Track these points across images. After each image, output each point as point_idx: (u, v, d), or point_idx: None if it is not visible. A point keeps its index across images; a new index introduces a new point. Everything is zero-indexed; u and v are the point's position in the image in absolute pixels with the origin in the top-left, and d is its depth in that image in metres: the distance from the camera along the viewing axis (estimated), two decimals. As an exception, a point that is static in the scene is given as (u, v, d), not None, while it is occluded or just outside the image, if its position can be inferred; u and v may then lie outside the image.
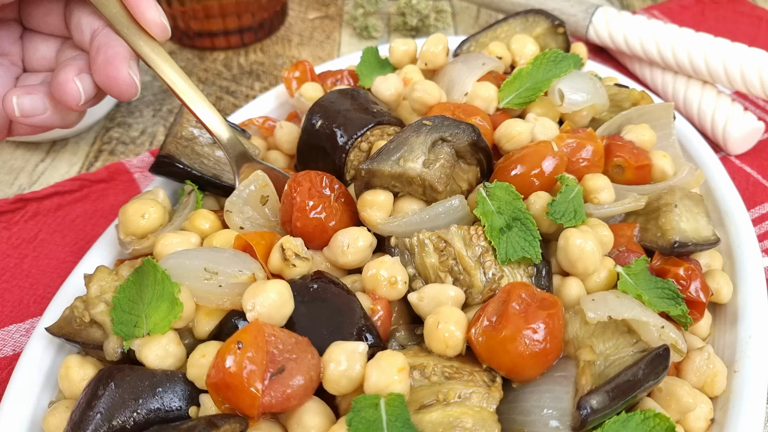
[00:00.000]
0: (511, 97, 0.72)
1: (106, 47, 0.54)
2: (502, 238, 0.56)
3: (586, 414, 0.45)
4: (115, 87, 0.54)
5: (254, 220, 0.61)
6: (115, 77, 0.53)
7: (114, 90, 0.54)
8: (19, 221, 0.79)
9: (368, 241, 0.57)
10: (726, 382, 0.55)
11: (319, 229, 0.57)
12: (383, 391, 0.45)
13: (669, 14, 1.16)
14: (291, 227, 0.58)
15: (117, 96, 0.55)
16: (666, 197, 0.63)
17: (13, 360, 0.65)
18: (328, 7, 1.27)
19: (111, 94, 0.55)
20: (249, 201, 0.61)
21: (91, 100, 0.57)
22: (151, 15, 0.55)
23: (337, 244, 0.56)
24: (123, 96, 0.55)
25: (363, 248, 0.56)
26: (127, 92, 0.54)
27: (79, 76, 0.54)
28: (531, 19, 0.85)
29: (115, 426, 0.46)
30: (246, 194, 0.61)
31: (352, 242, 0.56)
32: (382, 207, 0.58)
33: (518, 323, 0.48)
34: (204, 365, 0.49)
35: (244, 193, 0.61)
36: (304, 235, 0.57)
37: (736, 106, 0.86)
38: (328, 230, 0.58)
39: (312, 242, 0.58)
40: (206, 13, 1.07)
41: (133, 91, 0.55)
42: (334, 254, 0.57)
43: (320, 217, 0.57)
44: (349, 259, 0.56)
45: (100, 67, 0.53)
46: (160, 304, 0.52)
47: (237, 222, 0.60)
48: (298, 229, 0.57)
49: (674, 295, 0.54)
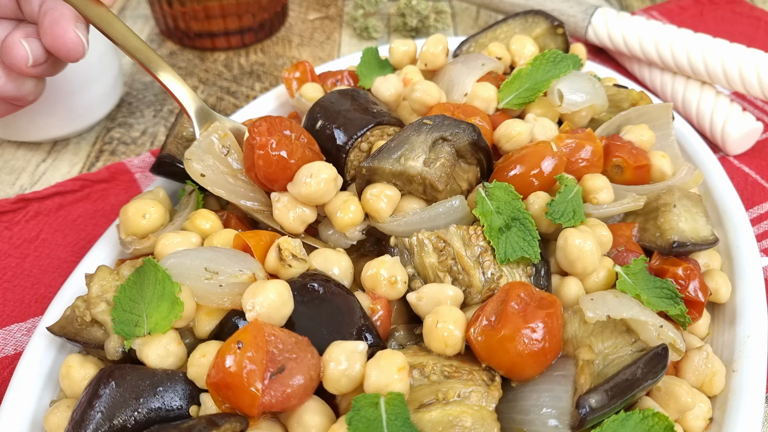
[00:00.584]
0: (511, 98, 0.73)
1: (52, 11, 0.56)
2: (501, 238, 0.56)
3: (585, 413, 0.45)
4: (62, 47, 0.56)
5: (216, 169, 0.61)
6: (62, 36, 0.56)
7: (61, 50, 0.56)
8: (21, 221, 0.79)
9: (332, 174, 0.57)
10: (724, 381, 0.55)
11: (281, 166, 0.57)
12: (383, 390, 0.46)
13: (668, 15, 1.16)
14: (254, 171, 0.58)
15: (65, 57, 0.57)
16: (665, 197, 0.63)
17: (14, 359, 0.65)
18: (329, 7, 1.27)
19: (59, 55, 0.56)
20: (209, 150, 0.61)
21: (43, 66, 0.58)
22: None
23: (299, 177, 0.56)
24: (71, 56, 0.57)
25: (326, 179, 0.56)
26: (74, 51, 0.57)
27: (26, 39, 0.56)
28: (530, 20, 0.85)
29: (116, 425, 0.47)
30: (206, 144, 0.61)
31: (315, 173, 0.56)
32: (390, 201, 0.59)
33: (517, 323, 0.48)
34: (204, 365, 0.49)
35: (204, 142, 0.61)
36: (267, 175, 0.57)
37: (734, 106, 0.87)
38: (291, 167, 0.57)
39: (276, 182, 0.58)
40: (207, 13, 1.07)
41: (80, 49, 0.57)
42: (297, 188, 0.57)
43: (281, 154, 0.56)
44: (312, 190, 0.56)
45: (47, 29, 0.56)
46: (160, 303, 0.52)
47: (197, 169, 0.60)
48: (261, 169, 0.57)
49: (673, 295, 0.55)
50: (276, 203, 0.59)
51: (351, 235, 0.59)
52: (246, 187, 0.62)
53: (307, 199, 0.57)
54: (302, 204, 0.59)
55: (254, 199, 0.62)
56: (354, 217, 0.58)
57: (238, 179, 0.62)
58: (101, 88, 0.91)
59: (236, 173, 0.62)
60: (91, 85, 0.89)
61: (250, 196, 0.62)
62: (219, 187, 0.60)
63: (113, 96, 0.95)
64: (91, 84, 0.89)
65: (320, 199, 0.57)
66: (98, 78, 0.90)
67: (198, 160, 0.60)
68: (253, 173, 0.59)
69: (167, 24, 1.12)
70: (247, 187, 0.62)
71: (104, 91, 0.92)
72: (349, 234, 0.59)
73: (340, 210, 0.58)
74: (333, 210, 0.59)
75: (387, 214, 0.59)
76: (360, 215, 0.58)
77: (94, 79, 0.89)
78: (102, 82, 0.91)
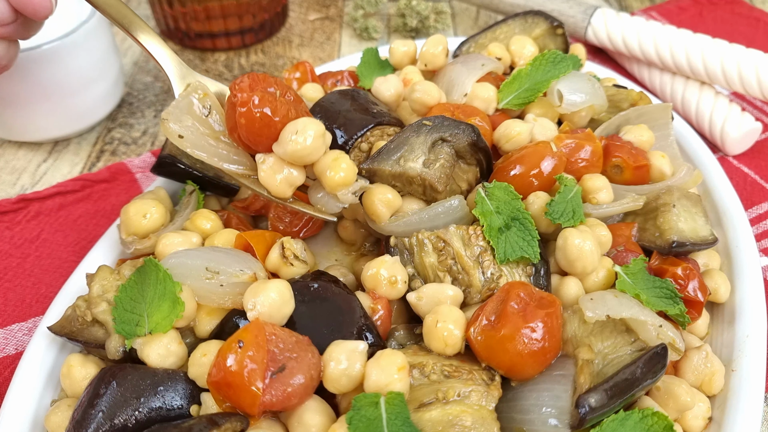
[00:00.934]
0: (511, 98, 0.73)
1: None
2: (501, 237, 0.56)
3: (584, 412, 0.45)
4: (28, 3, 0.53)
5: (195, 130, 0.57)
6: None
7: (28, 7, 0.53)
8: (22, 221, 0.79)
9: (319, 129, 0.52)
10: (724, 380, 0.55)
11: (265, 124, 0.52)
12: (383, 389, 0.46)
13: (667, 15, 1.16)
14: (237, 131, 0.54)
15: (32, 14, 0.54)
16: (664, 197, 0.63)
17: (15, 359, 0.65)
18: (329, 8, 1.27)
19: (26, 11, 0.53)
20: (189, 111, 0.57)
21: (11, 26, 0.55)
22: None
23: (285, 135, 0.52)
24: (38, 12, 0.54)
25: (313, 136, 0.52)
26: (41, 7, 0.54)
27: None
28: (530, 21, 0.85)
29: (117, 424, 0.47)
30: (184, 104, 0.57)
31: (300, 130, 0.52)
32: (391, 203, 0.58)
33: (517, 322, 0.48)
34: (205, 364, 0.49)
35: (183, 102, 0.57)
36: (251, 134, 0.52)
37: (733, 106, 0.87)
38: (275, 125, 0.52)
39: (260, 141, 0.53)
40: (207, 14, 1.07)
41: (48, 5, 0.54)
42: (283, 147, 0.52)
43: (265, 111, 0.51)
44: (299, 148, 0.51)
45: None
46: (161, 303, 0.52)
47: (174, 129, 0.55)
48: (243, 128, 0.52)
49: (672, 295, 0.55)
50: (261, 165, 0.55)
51: (343, 197, 0.55)
52: (229, 150, 0.57)
53: (294, 159, 0.53)
54: (289, 165, 0.54)
55: (238, 162, 0.58)
56: (345, 176, 0.54)
57: (221, 141, 0.57)
58: (102, 88, 0.91)
59: (218, 135, 0.57)
60: (91, 86, 0.89)
61: (234, 159, 0.57)
62: (199, 150, 0.56)
63: (114, 96, 0.96)
64: (91, 84, 0.89)
65: (308, 158, 0.53)
66: (99, 78, 0.90)
67: (176, 121, 0.56)
68: (235, 134, 0.54)
69: (168, 24, 1.12)
70: (230, 150, 0.57)
71: (105, 92, 0.92)
72: (341, 196, 0.55)
73: (330, 168, 0.54)
74: (322, 169, 0.54)
75: (386, 217, 0.58)
76: (352, 174, 0.54)
77: (95, 80, 0.89)
78: (103, 82, 0.91)
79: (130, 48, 1.15)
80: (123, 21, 0.59)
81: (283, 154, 0.53)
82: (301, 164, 0.54)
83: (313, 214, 0.57)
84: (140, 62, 1.11)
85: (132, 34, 0.59)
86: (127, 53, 1.14)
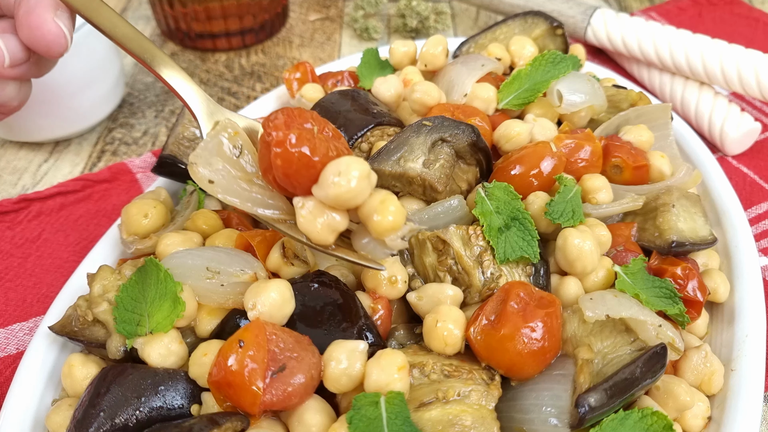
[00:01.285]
0: (510, 98, 0.73)
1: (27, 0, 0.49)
2: (501, 237, 0.56)
3: (584, 412, 0.45)
4: (41, 40, 0.48)
5: (227, 173, 0.51)
6: (39, 27, 0.48)
7: (41, 43, 0.48)
8: (23, 221, 0.79)
9: (364, 170, 0.47)
10: (723, 380, 0.55)
11: (303, 164, 0.47)
12: (383, 389, 0.46)
13: (666, 16, 1.17)
14: (272, 173, 0.49)
15: (45, 51, 0.49)
16: (664, 197, 0.63)
17: (16, 358, 0.65)
18: (329, 8, 1.27)
19: (38, 49, 0.49)
20: (218, 152, 0.51)
21: (23, 66, 0.51)
22: None
23: (326, 177, 0.47)
24: (51, 50, 0.49)
25: (358, 177, 0.46)
26: (54, 44, 0.49)
27: (1, 35, 0.49)
28: (530, 21, 0.86)
29: (118, 424, 0.47)
30: (213, 145, 0.51)
31: (344, 171, 0.46)
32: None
33: (517, 322, 0.48)
34: (206, 364, 0.49)
35: (212, 143, 0.51)
36: (288, 175, 0.47)
37: (733, 106, 0.87)
38: (315, 166, 0.47)
39: (298, 183, 0.48)
40: (208, 14, 1.07)
41: (62, 42, 0.49)
42: (324, 190, 0.47)
43: (303, 150, 0.46)
44: (342, 191, 0.46)
45: (22, 19, 0.48)
46: (162, 303, 0.52)
47: (204, 175, 0.50)
48: (280, 170, 0.47)
49: (672, 294, 0.55)
50: (300, 210, 0.49)
51: (392, 243, 0.49)
52: (263, 193, 0.52)
53: (337, 203, 0.47)
54: (331, 209, 0.48)
55: (273, 206, 0.52)
56: (395, 220, 0.48)
57: (254, 184, 0.52)
58: (103, 88, 0.91)
59: (251, 177, 0.52)
60: (92, 86, 0.89)
61: (269, 203, 0.52)
62: (231, 195, 0.51)
63: (115, 96, 0.96)
64: (92, 84, 0.89)
65: (352, 201, 0.47)
66: (100, 78, 0.90)
67: (205, 164, 0.51)
68: (270, 176, 0.49)
69: (168, 25, 1.12)
70: (264, 193, 0.52)
71: (106, 92, 0.93)
72: (389, 242, 0.49)
73: (377, 212, 0.48)
74: (368, 213, 0.48)
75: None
76: (402, 217, 0.49)
77: (96, 80, 0.89)
78: (103, 82, 0.91)
79: (131, 48, 1.15)
80: (144, 56, 0.54)
81: (324, 198, 0.47)
82: (344, 208, 0.49)
83: (358, 263, 0.51)
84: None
85: (154, 70, 0.54)
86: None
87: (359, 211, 0.49)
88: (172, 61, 0.54)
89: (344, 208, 0.49)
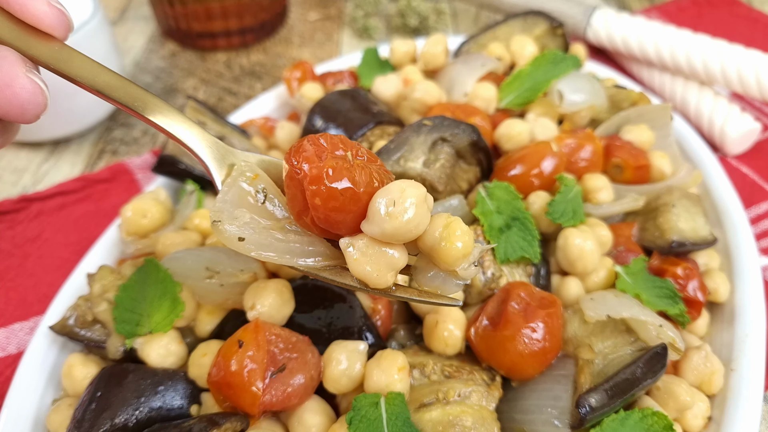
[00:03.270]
0: (511, 98, 0.73)
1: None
2: (502, 237, 0.56)
3: (585, 412, 0.45)
4: (13, 99, 0.38)
5: (256, 225, 0.44)
6: (10, 86, 0.38)
7: (13, 104, 0.38)
8: (23, 221, 0.79)
9: (421, 194, 0.40)
10: (723, 380, 0.55)
11: (348, 199, 0.40)
12: (383, 389, 0.46)
13: (667, 16, 1.16)
14: (309, 214, 0.41)
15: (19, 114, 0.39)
16: (664, 197, 0.63)
17: (17, 358, 0.65)
18: (329, 8, 1.27)
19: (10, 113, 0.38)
20: (241, 202, 0.44)
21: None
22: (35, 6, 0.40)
23: (376, 208, 0.39)
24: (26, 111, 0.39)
25: (417, 203, 0.39)
26: (31, 104, 0.39)
27: None
28: (530, 21, 0.86)
29: (118, 424, 0.47)
30: (234, 194, 0.44)
31: (398, 198, 0.39)
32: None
33: (517, 322, 0.48)
34: (205, 364, 0.49)
35: (232, 193, 0.44)
36: (330, 215, 0.40)
37: (733, 106, 0.87)
38: (360, 198, 0.40)
39: (344, 222, 0.41)
40: (208, 14, 1.07)
41: (40, 101, 0.39)
42: (377, 224, 0.39)
43: (344, 184, 0.39)
44: (401, 222, 0.39)
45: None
46: (162, 303, 0.52)
47: (233, 233, 0.42)
48: (320, 210, 0.40)
49: (672, 294, 0.55)
50: (350, 252, 0.41)
51: (464, 272, 0.42)
52: (301, 240, 0.44)
53: (395, 237, 0.40)
54: (386, 245, 0.41)
55: (315, 253, 0.44)
56: (464, 246, 0.40)
57: (288, 232, 0.44)
58: (102, 88, 0.91)
59: (283, 225, 0.44)
60: (92, 86, 0.89)
61: (310, 251, 0.44)
62: (267, 250, 0.43)
63: (114, 96, 0.96)
64: (92, 84, 0.89)
65: (413, 232, 0.40)
66: (99, 78, 0.90)
67: (230, 220, 0.43)
68: (307, 218, 0.41)
69: (169, 24, 1.12)
70: (303, 240, 0.44)
71: (105, 92, 0.92)
72: (461, 272, 0.42)
73: (444, 240, 0.40)
74: (432, 242, 0.41)
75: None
76: (471, 241, 0.41)
77: (96, 80, 0.89)
78: (103, 82, 0.91)
79: (131, 48, 1.15)
80: (135, 104, 0.44)
81: (378, 235, 0.40)
82: (402, 242, 0.41)
83: (430, 302, 0.44)
84: (141, 62, 1.12)
85: (148, 119, 0.45)
86: (129, 53, 1.14)
87: (420, 242, 0.42)
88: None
89: (403, 241, 0.41)
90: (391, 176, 0.43)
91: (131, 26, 1.22)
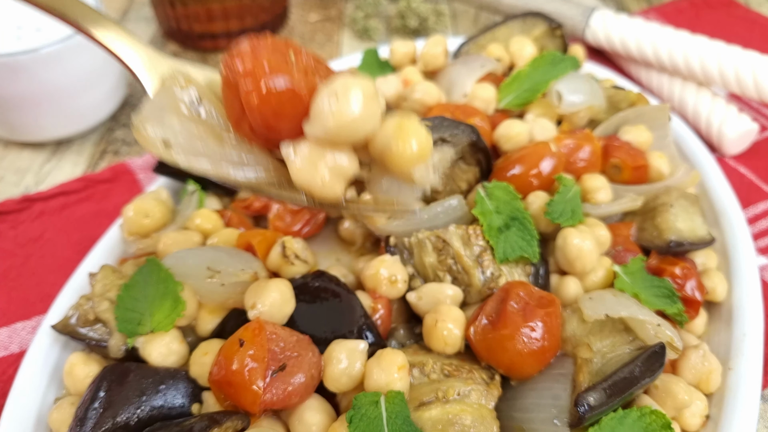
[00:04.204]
0: (510, 98, 0.73)
1: None
2: (501, 237, 0.56)
3: (583, 411, 0.45)
4: None
5: (187, 131, 0.39)
6: None
7: None
8: (25, 221, 0.80)
9: (369, 88, 0.36)
10: (721, 379, 0.55)
11: (287, 97, 0.35)
12: (383, 388, 0.46)
13: (665, 17, 1.17)
14: (246, 120, 0.37)
15: None
16: (662, 197, 0.64)
17: (19, 357, 0.66)
18: (329, 9, 1.28)
19: None
20: (172, 108, 0.39)
21: None
22: None
23: (321, 104, 0.35)
24: None
25: (363, 97, 0.35)
26: None
27: None
28: (529, 22, 0.86)
29: (119, 422, 0.47)
30: (164, 99, 0.40)
31: (341, 91, 0.34)
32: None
33: (516, 321, 0.49)
34: (206, 363, 0.49)
35: (161, 97, 0.40)
36: (269, 117, 0.36)
37: (731, 107, 0.87)
38: (302, 98, 0.35)
39: (284, 124, 0.36)
40: (209, 15, 1.08)
41: None
42: (320, 122, 0.35)
43: (284, 79, 0.35)
44: (344, 117, 0.34)
45: None
46: (163, 302, 0.53)
47: (156, 136, 0.38)
48: (257, 111, 0.35)
49: (670, 294, 0.55)
50: (292, 158, 0.37)
51: (420, 177, 0.37)
52: (239, 149, 0.40)
53: (340, 136, 0.35)
54: (332, 147, 0.36)
55: (255, 163, 0.40)
56: (420, 147, 0.36)
57: (225, 141, 0.40)
58: (104, 89, 0.92)
59: (220, 133, 0.40)
60: (94, 86, 0.90)
61: (249, 160, 0.40)
62: (199, 157, 0.39)
63: (116, 97, 0.96)
64: (94, 85, 0.89)
65: (359, 130, 0.35)
66: (101, 79, 0.90)
67: (156, 123, 0.38)
68: (245, 125, 0.37)
69: (170, 26, 1.13)
70: (242, 148, 0.40)
71: (107, 92, 0.93)
72: (417, 176, 0.37)
73: (396, 140, 0.36)
74: (384, 144, 0.36)
75: (383, 220, 0.58)
76: (428, 142, 0.37)
77: (98, 81, 0.90)
78: (105, 83, 0.91)
79: (132, 49, 1.15)
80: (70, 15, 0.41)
81: (322, 133, 0.35)
82: (349, 143, 0.36)
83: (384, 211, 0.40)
84: (142, 63, 1.12)
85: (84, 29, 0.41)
86: (128, 54, 1.14)
87: (371, 146, 0.37)
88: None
89: (350, 143, 0.36)
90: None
91: (133, 27, 1.22)
